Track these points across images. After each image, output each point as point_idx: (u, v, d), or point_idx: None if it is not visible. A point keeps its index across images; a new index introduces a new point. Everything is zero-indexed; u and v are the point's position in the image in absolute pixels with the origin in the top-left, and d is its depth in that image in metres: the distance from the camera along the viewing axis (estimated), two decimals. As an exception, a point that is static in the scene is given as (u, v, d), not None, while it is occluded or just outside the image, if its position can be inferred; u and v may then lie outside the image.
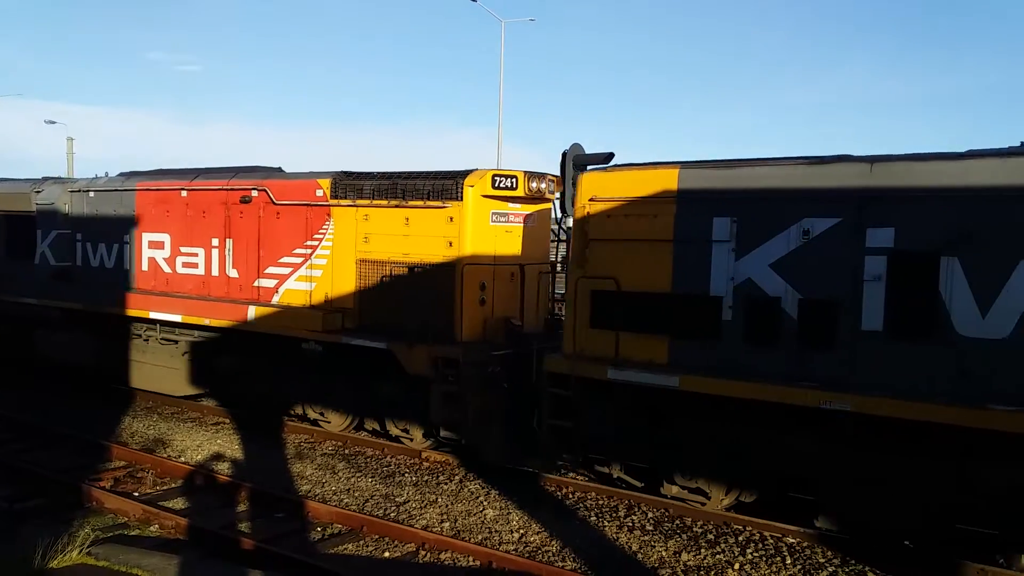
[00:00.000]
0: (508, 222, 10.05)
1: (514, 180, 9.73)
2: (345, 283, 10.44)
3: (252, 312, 10.92)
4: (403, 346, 9.51)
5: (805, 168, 7.51)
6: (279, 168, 12.19)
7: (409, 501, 8.64)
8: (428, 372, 9.40)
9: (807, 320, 7.39)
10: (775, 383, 7.37)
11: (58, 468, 9.41)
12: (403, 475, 9.48)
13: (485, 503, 8.59)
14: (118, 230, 12.99)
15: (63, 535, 6.68)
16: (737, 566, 7.12)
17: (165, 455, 10.21)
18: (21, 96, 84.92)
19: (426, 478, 9.37)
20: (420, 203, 9.82)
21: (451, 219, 9.58)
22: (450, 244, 9.59)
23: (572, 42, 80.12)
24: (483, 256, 9.69)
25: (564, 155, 9.28)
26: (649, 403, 8.20)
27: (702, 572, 7.04)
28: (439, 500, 8.67)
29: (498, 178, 9.62)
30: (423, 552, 7.30)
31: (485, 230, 9.74)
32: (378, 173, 10.41)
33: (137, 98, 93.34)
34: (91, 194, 13.42)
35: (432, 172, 9.93)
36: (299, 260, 10.88)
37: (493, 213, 9.82)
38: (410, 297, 9.77)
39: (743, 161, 7.94)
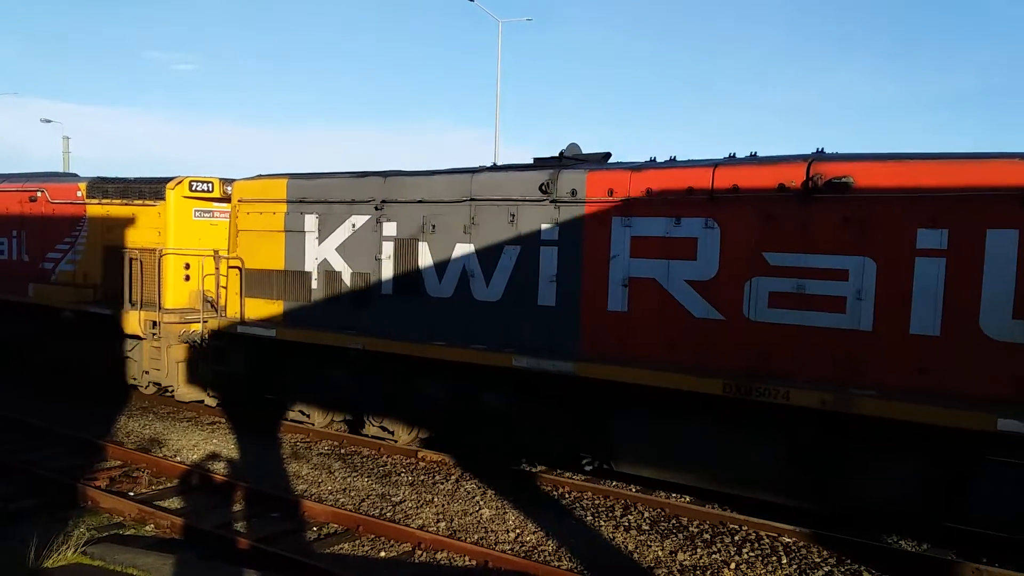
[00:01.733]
0: (214, 217, 13.07)
1: (210, 185, 12.77)
2: (96, 265, 13.48)
3: (31, 289, 13.94)
4: (122, 312, 12.55)
5: (352, 180, 10.55)
6: (73, 173, 15.21)
7: (405, 501, 8.72)
8: (141, 331, 12.45)
9: (355, 287, 10.48)
10: (336, 332, 10.46)
11: (53, 467, 9.46)
12: (399, 475, 9.66)
13: (481, 503, 8.68)
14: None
15: (58, 534, 6.63)
16: (733, 565, 7.14)
17: (161, 455, 10.35)
18: (17, 94, 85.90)
19: (422, 478, 9.55)
20: (141, 202, 12.86)
21: (160, 215, 12.63)
22: (159, 233, 12.64)
23: (570, 40, 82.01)
24: (186, 243, 12.73)
25: (561, 154, 9.60)
26: (271, 350, 11.27)
27: (698, 572, 7.03)
28: (435, 500, 8.76)
29: (194, 183, 12.66)
30: (419, 552, 7.30)
31: (188, 224, 12.79)
32: (117, 178, 13.42)
33: (134, 97, 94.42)
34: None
35: (150, 178, 12.96)
36: (67, 247, 13.91)
37: (196, 210, 12.86)
38: (134, 274, 12.78)
39: (322, 174, 10.99)
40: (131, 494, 8.75)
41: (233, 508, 8.48)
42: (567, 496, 9.01)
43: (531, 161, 9.56)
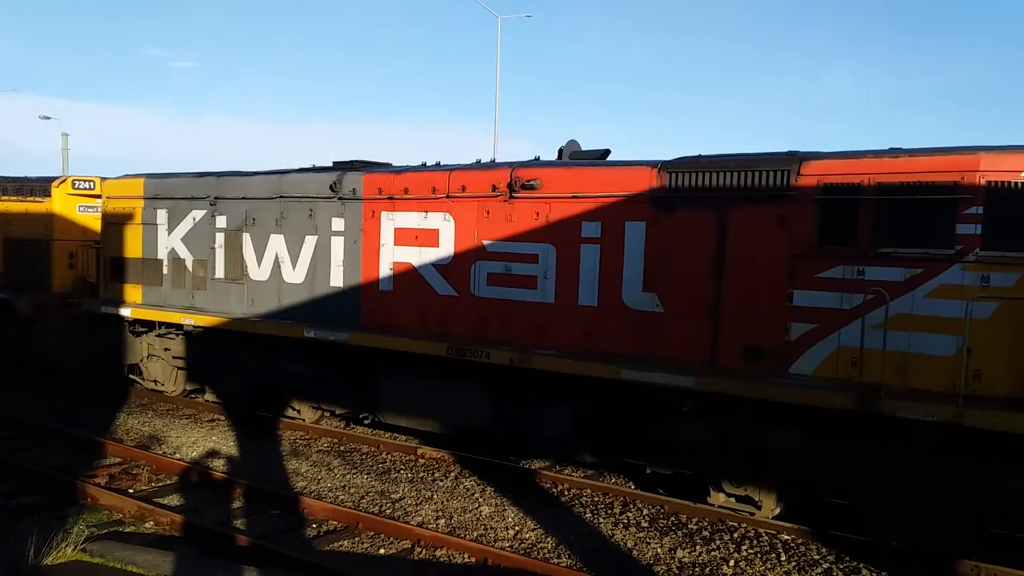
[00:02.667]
0: (98, 212, 14.72)
1: (91, 184, 14.45)
2: (-3, 256, 15.16)
3: (-58, 277, 15.59)
4: (15, 296, 14.21)
5: (194, 179, 12.23)
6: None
7: (404, 498, 8.76)
8: (32, 314, 14.11)
9: (195, 272, 12.16)
10: (180, 311, 12.16)
11: (53, 465, 9.52)
12: (398, 472, 9.73)
13: (480, 500, 8.74)
14: None
15: (58, 532, 6.63)
16: (732, 563, 7.18)
17: (160, 452, 10.38)
18: (16, 91, 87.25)
19: (421, 475, 9.61)
20: (32, 199, 14.52)
21: (48, 210, 14.29)
22: (47, 226, 14.31)
23: (571, 36, 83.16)
24: (71, 235, 14.40)
25: (560, 151, 9.81)
26: (133, 328, 12.96)
27: (697, 569, 7.05)
28: (435, 497, 8.81)
29: (77, 182, 14.35)
30: (418, 549, 7.32)
31: (73, 218, 14.45)
32: (15, 178, 15.08)
33: (134, 95, 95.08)
34: None
35: (43, 177, 14.63)
36: (-27, 239, 15.57)
37: (80, 206, 14.53)
38: (29, 263, 14.46)
39: (171, 174, 12.68)
40: (131, 491, 8.81)
41: (233, 505, 8.52)
42: (566, 493, 9.12)
43: (330, 164, 11.27)
